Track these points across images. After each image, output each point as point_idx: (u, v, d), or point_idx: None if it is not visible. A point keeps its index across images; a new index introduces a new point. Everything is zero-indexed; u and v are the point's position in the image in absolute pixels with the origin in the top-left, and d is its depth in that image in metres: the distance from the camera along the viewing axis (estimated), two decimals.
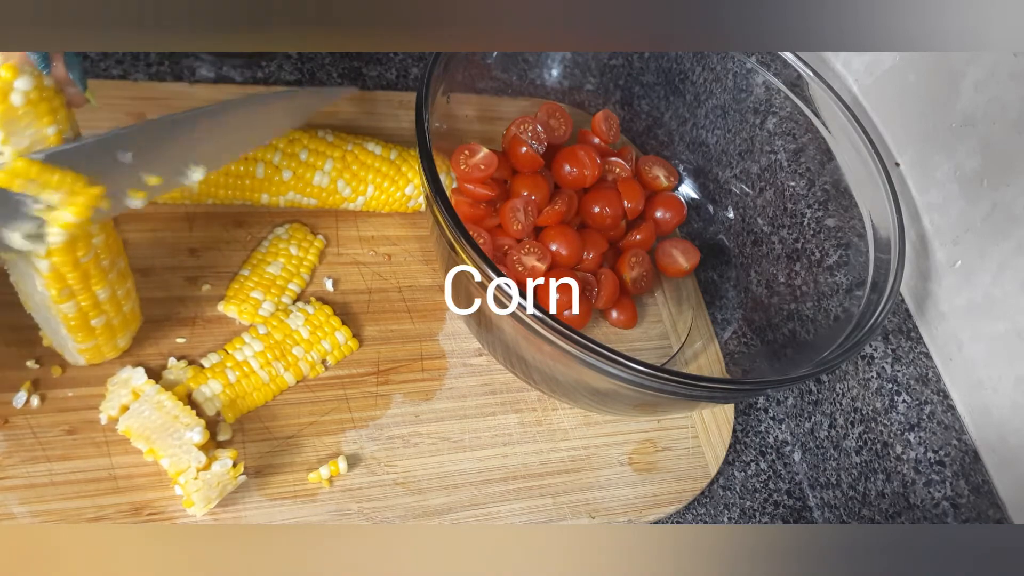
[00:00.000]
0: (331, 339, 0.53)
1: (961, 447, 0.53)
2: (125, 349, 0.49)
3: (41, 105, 0.36)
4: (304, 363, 0.52)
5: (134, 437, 0.46)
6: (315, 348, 0.52)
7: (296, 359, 0.51)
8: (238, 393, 0.49)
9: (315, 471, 0.49)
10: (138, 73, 0.62)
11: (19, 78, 0.34)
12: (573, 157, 0.60)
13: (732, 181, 0.66)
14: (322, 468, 0.49)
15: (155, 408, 0.45)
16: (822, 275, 0.58)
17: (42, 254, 0.39)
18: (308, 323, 0.53)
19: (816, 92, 0.59)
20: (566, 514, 0.53)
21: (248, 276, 0.54)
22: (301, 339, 0.52)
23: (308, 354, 0.52)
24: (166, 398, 0.46)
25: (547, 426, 0.56)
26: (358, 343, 0.54)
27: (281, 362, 0.51)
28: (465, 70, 0.57)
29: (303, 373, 0.52)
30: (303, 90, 0.49)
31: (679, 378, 0.42)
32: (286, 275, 0.54)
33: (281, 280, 0.54)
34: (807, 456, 0.62)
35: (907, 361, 0.56)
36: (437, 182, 0.45)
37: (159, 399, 0.46)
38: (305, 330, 0.52)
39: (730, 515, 0.59)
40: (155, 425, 0.45)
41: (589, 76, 0.70)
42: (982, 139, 0.53)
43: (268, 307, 0.53)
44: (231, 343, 0.51)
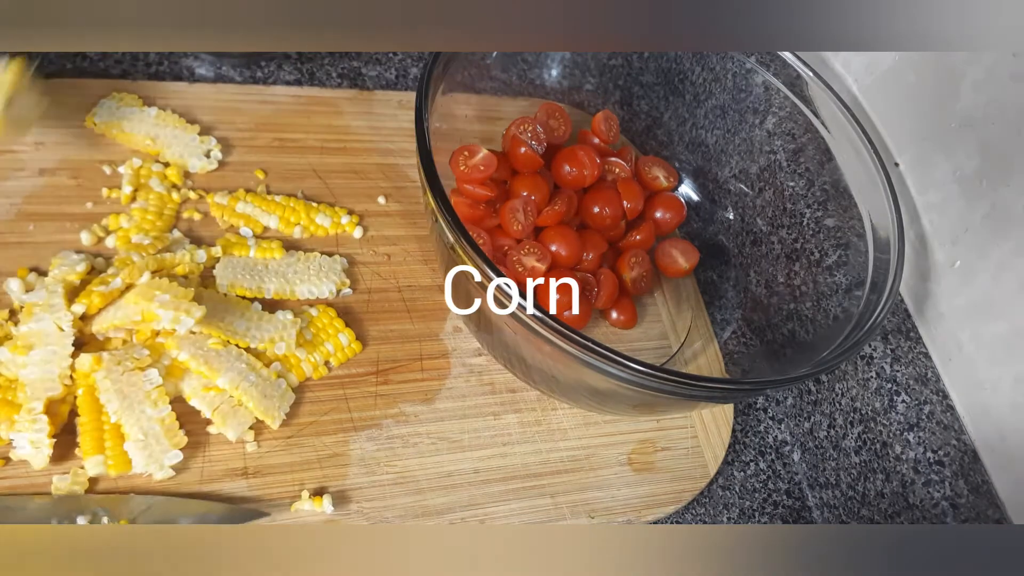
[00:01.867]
0: (335, 341, 0.53)
1: (960, 447, 0.53)
2: None
3: None
4: (307, 364, 0.52)
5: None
6: (318, 350, 0.52)
7: (299, 360, 0.52)
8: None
9: (297, 500, 0.48)
10: (138, 73, 0.62)
11: None
12: (573, 157, 0.60)
13: (731, 181, 0.66)
14: (304, 504, 0.48)
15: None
16: (821, 275, 0.58)
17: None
18: (312, 325, 0.53)
19: (815, 92, 0.59)
20: (565, 514, 0.53)
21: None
22: (304, 341, 0.52)
23: (311, 356, 0.52)
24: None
25: (546, 426, 0.56)
26: (361, 345, 0.55)
27: (284, 364, 0.51)
28: (465, 70, 0.57)
29: (306, 374, 0.52)
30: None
31: (678, 378, 0.42)
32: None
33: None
34: (806, 456, 0.62)
35: (906, 361, 0.56)
36: (437, 183, 0.45)
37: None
38: (309, 332, 0.53)
39: (729, 515, 0.59)
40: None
41: (589, 76, 0.70)
42: (981, 139, 0.53)
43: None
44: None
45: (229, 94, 0.62)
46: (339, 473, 0.50)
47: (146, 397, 0.46)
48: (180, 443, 0.46)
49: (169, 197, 0.56)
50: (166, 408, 0.46)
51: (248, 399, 0.48)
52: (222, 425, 0.48)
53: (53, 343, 0.45)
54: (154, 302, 0.46)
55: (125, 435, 0.45)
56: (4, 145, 0.55)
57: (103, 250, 0.53)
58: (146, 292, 0.47)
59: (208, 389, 0.48)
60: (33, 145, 0.55)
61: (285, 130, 0.62)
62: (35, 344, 0.45)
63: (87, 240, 0.53)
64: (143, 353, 0.47)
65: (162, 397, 0.46)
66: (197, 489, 0.47)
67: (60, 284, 0.47)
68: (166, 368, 0.48)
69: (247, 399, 0.48)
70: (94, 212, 0.54)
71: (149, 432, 0.45)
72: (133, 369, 0.46)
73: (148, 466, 0.45)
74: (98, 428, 0.45)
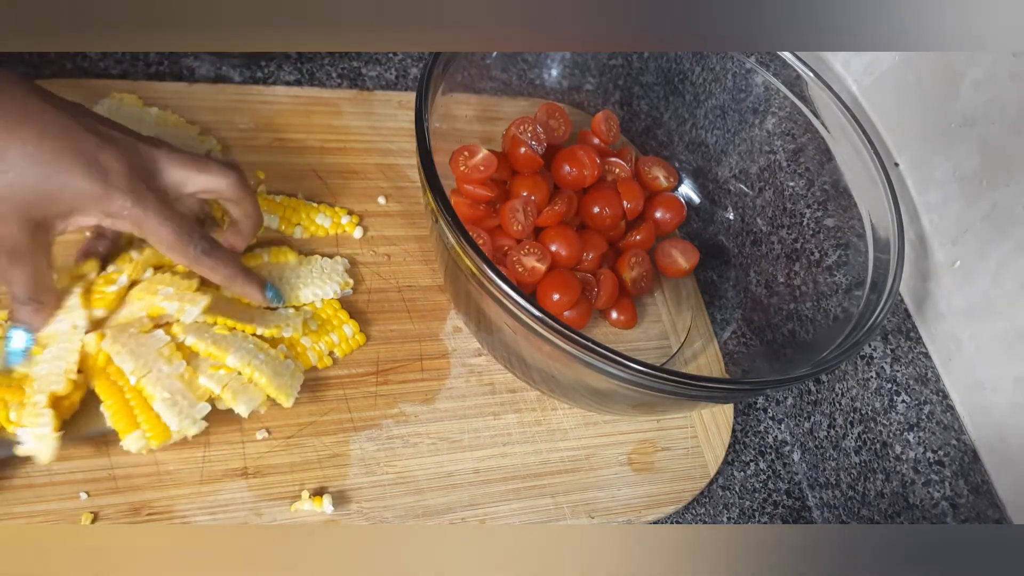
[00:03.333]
0: (339, 332, 0.53)
1: (960, 447, 0.53)
2: None
3: None
4: (313, 352, 0.52)
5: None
6: (323, 339, 0.53)
7: (304, 348, 0.52)
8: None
9: (297, 500, 0.48)
10: (137, 73, 0.62)
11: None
12: (573, 157, 0.60)
13: (731, 181, 0.66)
14: (304, 504, 0.48)
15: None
16: (821, 275, 0.58)
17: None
18: (316, 317, 0.53)
19: (815, 92, 0.59)
20: (565, 514, 0.53)
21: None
22: (309, 330, 0.52)
23: (316, 344, 0.52)
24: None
25: (546, 426, 0.56)
26: (365, 337, 0.55)
27: (291, 351, 0.52)
28: (465, 70, 0.57)
29: (311, 363, 0.52)
30: None
31: (678, 378, 0.42)
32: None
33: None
34: (806, 456, 0.62)
35: (906, 361, 0.56)
36: (437, 183, 0.45)
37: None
38: (314, 323, 0.53)
39: (729, 515, 0.59)
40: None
41: (589, 76, 0.70)
42: (981, 139, 0.53)
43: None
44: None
45: (229, 94, 0.62)
46: (339, 473, 0.50)
47: (159, 355, 0.46)
48: (204, 394, 0.46)
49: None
50: (181, 363, 0.46)
51: (260, 376, 0.47)
52: (232, 402, 0.47)
53: (65, 341, 0.45)
54: (158, 295, 0.47)
55: (149, 397, 0.45)
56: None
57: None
58: (150, 287, 0.47)
59: (217, 368, 0.48)
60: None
61: (285, 130, 0.62)
62: (50, 344, 0.45)
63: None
64: (146, 322, 0.48)
65: (174, 353, 0.46)
66: (197, 489, 0.47)
67: (79, 285, 0.48)
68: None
69: (259, 376, 0.47)
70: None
71: (172, 388, 0.45)
72: (139, 332, 0.47)
73: (181, 423, 0.44)
74: (124, 404, 0.45)
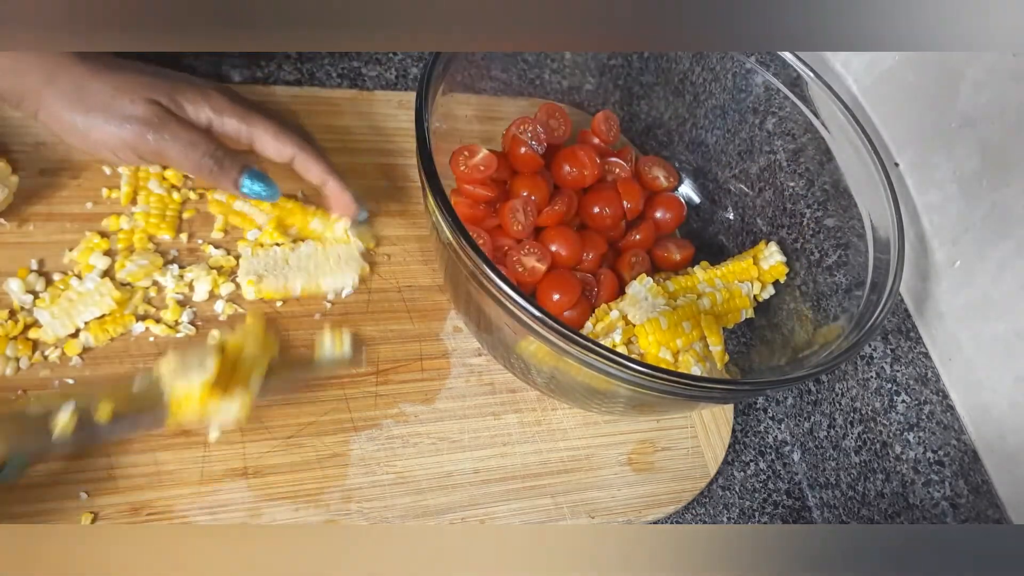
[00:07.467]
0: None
1: (960, 447, 0.53)
2: None
3: None
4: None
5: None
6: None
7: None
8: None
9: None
10: None
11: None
12: (573, 157, 0.60)
13: (731, 181, 0.66)
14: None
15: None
16: (821, 275, 0.58)
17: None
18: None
19: (815, 92, 0.59)
20: (565, 514, 0.53)
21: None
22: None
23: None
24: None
25: (546, 426, 0.56)
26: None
27: None
28: (465, 70, 0.57)
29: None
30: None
31: (678, 378, 0.42)
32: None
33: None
34: (806, 456, 0.62)
35: (906, 361, 0.56)
36: (437, 182, 0.45)
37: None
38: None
39: (729, 515, 0.59)
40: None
41: (589, 76, 0.70)
42: (981, 139, 0.53)
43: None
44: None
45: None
46: (339, 473, 0.50)
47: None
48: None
49: (170, 198, 0.56)
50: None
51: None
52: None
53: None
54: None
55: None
56: (4, 146, 0.55)
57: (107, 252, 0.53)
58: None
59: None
60: (33, 145, 0.55)
61: None
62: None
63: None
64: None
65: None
66: (197, 489, 0.47)
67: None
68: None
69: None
70: (94, 212, 0.54)
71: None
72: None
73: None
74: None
